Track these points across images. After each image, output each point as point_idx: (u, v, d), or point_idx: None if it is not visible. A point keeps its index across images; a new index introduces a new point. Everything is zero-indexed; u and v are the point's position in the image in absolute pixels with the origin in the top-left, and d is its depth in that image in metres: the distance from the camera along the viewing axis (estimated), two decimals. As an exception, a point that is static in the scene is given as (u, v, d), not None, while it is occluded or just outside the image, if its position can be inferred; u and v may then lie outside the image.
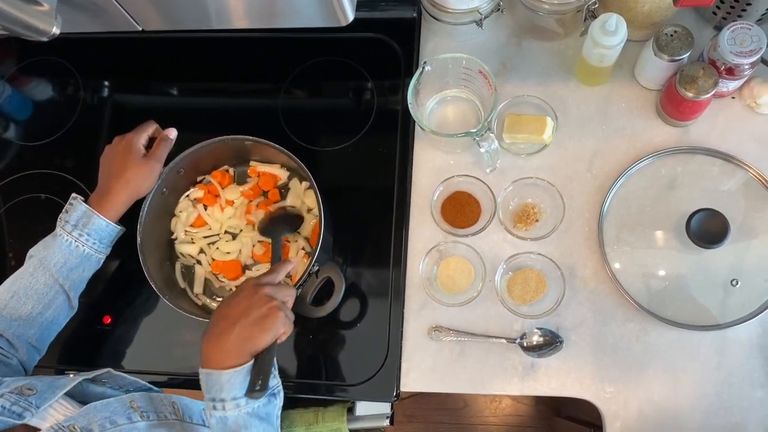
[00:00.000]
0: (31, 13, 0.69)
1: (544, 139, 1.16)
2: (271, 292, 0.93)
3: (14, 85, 1.42)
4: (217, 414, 0.87)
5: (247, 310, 0.90)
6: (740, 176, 1.14)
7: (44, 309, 1.04)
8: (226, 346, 0.87)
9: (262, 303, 0.91)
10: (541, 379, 1.12)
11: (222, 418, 0.87)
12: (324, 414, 1.24)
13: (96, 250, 1.08)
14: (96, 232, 1.07)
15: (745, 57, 1.04)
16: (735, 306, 1.09)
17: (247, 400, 0.87)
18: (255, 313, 0.89)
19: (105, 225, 1.07)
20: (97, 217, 1.06)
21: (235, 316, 0.89)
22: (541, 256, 1.14)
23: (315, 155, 1.26)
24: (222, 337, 0.88)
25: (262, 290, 0.92)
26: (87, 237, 1.06)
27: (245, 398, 0.87)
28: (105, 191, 1.09)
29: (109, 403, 0.92)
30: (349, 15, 0.77)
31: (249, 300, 0.91)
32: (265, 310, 0.90)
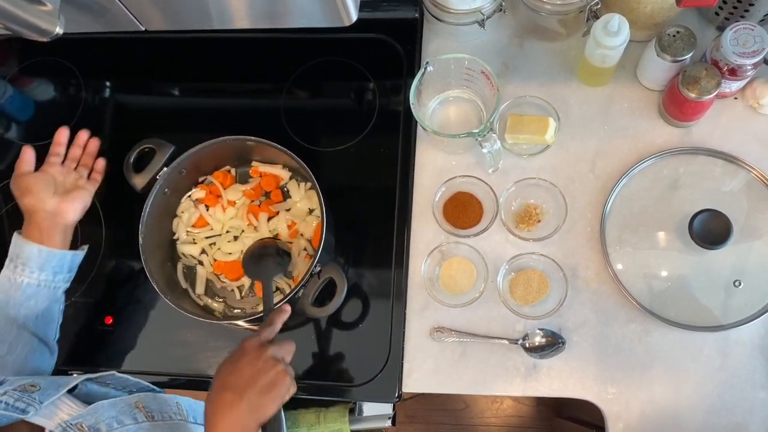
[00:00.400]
0: (34, 13, 0.69)
1: (546, 139, 1.16)
2: (275, 353, 0.89)
3: (16, 85, 1.42)
4: None
5: (253, 378, 0.85)
6: (743, 177, 1.14)
7: (9, 350, 1.01)
8: (233, 422, 0.83)
9: (268, 368, 0.86)
10: (543, 380, 1.12)
11: None
12: (326, 414, 1.24)
13: (37, 278, 1.04)
14: (29, 259, 1.04)
15: (748, 57, 1.03)
16: (737, 307, 1.09)
17: None
18: (262, 381, 0.85)
19: (37, 251, 1.04)
20: (27, 244, 1.04)
21: (241, 387, 0.84)
22: (544, 257, 1.14)
23: (317, 156, 1.26)
24: (229, 411, 0.83)
25: (266, 353, 0.88)
26: (23, 267, 1.03)
27: None
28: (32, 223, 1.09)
29: (115, 403, 0.91)
30: (353, 15, 0.76)
31: (254, 366, 0.86)
32: (272, 376, 0.86)
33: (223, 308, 1.19)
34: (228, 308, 1.19)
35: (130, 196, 1.17)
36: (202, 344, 1.20)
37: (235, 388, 0.84)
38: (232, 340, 1.20)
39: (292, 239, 1.18)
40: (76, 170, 1.18)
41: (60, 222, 1.10)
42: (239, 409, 0.82)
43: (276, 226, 1.19)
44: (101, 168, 1.19)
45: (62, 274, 1.08)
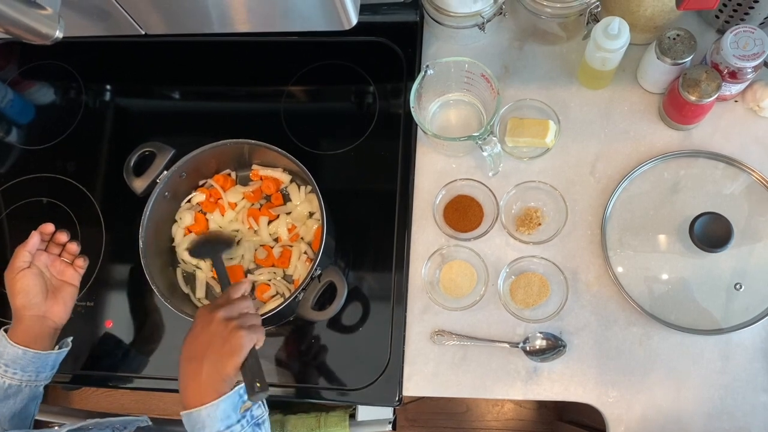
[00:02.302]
0: (35, 16, 0.69)
1: (546, 142, 1.16)
2: (226, 314, 0.92)
3: (16, 89, 1.42)
4: None
5: (208, 342, 0.89)
6: (743, 180, 1.13)
7: None
8: (200, 386, 0.87)
9: (221, 329, 0.90)
10: (544, 384, 1.12)
11: None
12: (326, 419, 1.24)
13: (19, 379, 1.02)
14: (14, 361, 1.01)
15: (748, 60, 1.03)
16: (739, 310, 1.09)
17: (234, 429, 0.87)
18: (216, 342, 0.89)
19: (22, 353, 1.01)
20: (11, 347, 1.01)
21: (198, 354, 0.89)
22: (544, 260, 1.14)
23: (317, 159, 1.26)
24: (194, 378, 0.88)
25: (216, 316, 0.91)
26: (5, 368, 1.00)
27: (229, 429, 0.87)
28: (18, 322, 1.05)
29: None
30: (353, 19, 0.76)
31: (207, 331, 0.90)
32: (226, 335, 0.89)
33: (224, 312, 1.19)
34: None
35: (130, 199, 1.17)
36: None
37: (194, 357, 0.89)
38: (232, 344, 1.19)
39: (293, 242, 1.18)
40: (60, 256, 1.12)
41: (50, 326, 1.06)
42: (201, 372, 0.87)
43: (276, 229, 1.19)
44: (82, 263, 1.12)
45: (45, 372, 1.06)
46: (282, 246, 1.19)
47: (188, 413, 0.87)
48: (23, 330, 1.03)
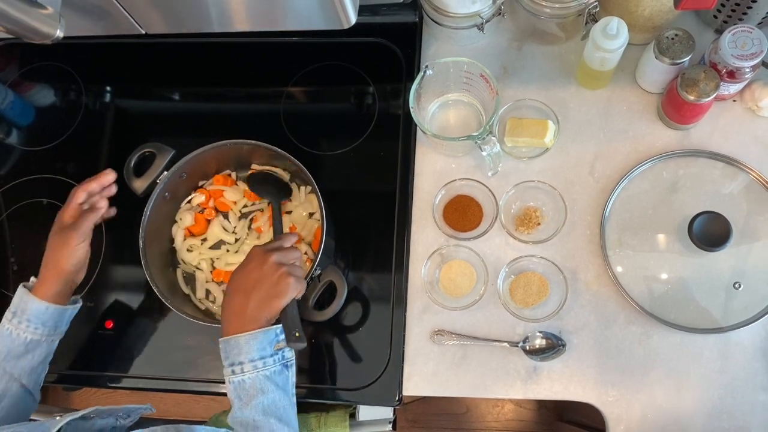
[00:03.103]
0: (35, 16, 0.69)
1: (545, 142, 1.17)
2: (280, 259, 0.97)
3: (16, 90, 1.42)
4: (235, 378, 0.91)
5: (259, 280, 0.95)
6: (742, 179, 1.14)
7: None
8: (243, 317, 0.93)
9: (273, 271, 0.95)
10: (544, 383, 1.12)
11: (240, 382, 0.91)
12: (326, 419, 1.24)
13: (40, 334, 1.04)
14: (36, 316, 1.03)
15: (746, 60, 1.04)
16: (738, 309, 1.09)
17: (264, 363, 0.91)
18: (267, 282, 0.95)
19: (44, 308, 1.04)
20: (34, 301, 1.03)
21: (248, 288, 0.95)
22: (544, 260, 1.14)
23: (317, 159, 1.26)
24: (239, 310, 0.94)
25: (270, 258, 0.96)
26: (27, 323, 1.03)
27: (262, 360, 0.91)
28: (39, 274, 1.07)
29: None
30: (352, 18, 0.77)
31: (260, 270, 0.96)
32: (276, 278, 0.95)
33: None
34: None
35: (130, 200, 1.17)
36: (203, 348, 1.20)
37: (243, 291, 0.95)
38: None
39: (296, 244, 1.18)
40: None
41: (73, 284, 1.09)
42: (248, 305, 0.94)
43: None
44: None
45: (62, 327, 1.08)
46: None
47: (227, 339, 0.92)
48: (48, 286, 1.05)
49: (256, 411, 0.90)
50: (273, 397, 0.91)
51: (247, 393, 0.90)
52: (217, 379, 1.19)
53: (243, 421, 0.90)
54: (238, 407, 0.91)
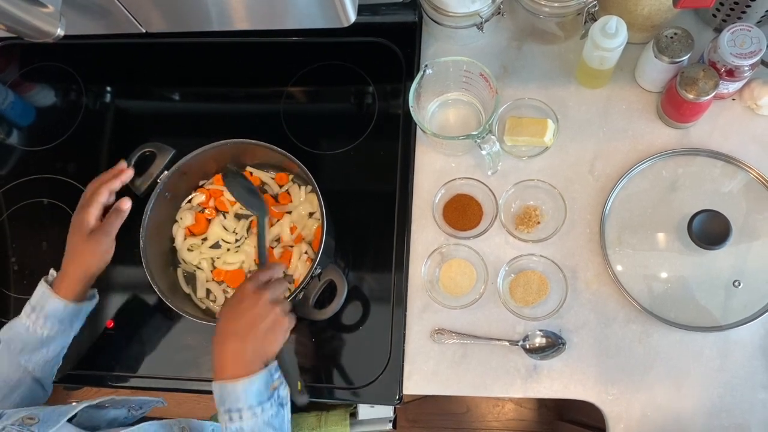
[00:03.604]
0: (36, 14, 0.70)
1: (545, 141, 1.17)
2: (273, 296, 0.94)
3: (17, 91, 1.42)
4: (233, 426, 0.88)
5: (254, 323, 0.91)
6: (741, 177, 1.14)
7: (10, 392, 1.03)
8: (239, 362, 0.89)
9: (267, 312, 0.92)
10: (544, 382, 1.12)
11: (239, 429, 0.88)
12: (327, 418, 1.24)
13: (57, 330, 1.06)
14: (54, 314, 1.05)
15: (745, 59, 1.04)
16: (737, 307, 1.09)
17: (263, 408, 0.88)
18: (262, 325, 0.91)
19: (63, 306, 1.05)
20: (54, 299, 1.05)
21: (243, 332, 0.90)
22: (543, 258, 1.14)
23: (317, 159, 1.27)
24: (235, 355, 0.89)
25: (263, 297, 0.93)
26: (44, 320, 1.04)
27: (260, 407, 0.88)
28: (62, 270, 1.08)
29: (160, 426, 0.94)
30: (351, 16, 0.77)
31: (253, 310, 0.91)
32: (272, 319, 0.92)
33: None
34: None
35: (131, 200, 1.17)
36: (204, 348, 1.20)
37: (237, 334, 0.90)
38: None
39: (296, 244, 1.19)
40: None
41: (92, 281, 1.11)
42: (244, 353, 0.89)
43: (279, 230, 1.19)
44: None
45: (78, 323, 1.11)
46: (283, 247, 1.19)
47: (223, 384, 0.88)
48: (72, 285, 1.07)
49: None
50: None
51: None
52: (218, 379, 1.19)
53: None
54: None
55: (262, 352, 0.91)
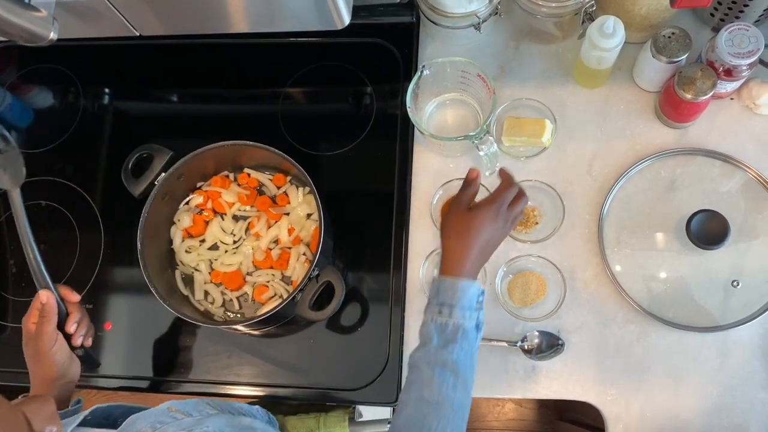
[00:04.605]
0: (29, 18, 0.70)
1: (543, 141, 1.17)
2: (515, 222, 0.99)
3: (15, 93, 1.42)
4: (440, 319, 0.90)
5: (494, 241, 0.96)
6: (740, 177, 1.14)
7: None
8: (464, 264, 0.93)
9: (506, 234, 0.98)
10: (543, 382, 1.12)
11: (443, 324, 0.90)
12: (325, 419, 1.24)
13: None
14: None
15: (743, 58, 1.04)
16: (736, 307, 1.09)
17: (470, 315, 0.91)
18: (493, 236, 0.96)
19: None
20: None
21: (483, 245, 0.95)
22: (542, 259, 1.14)
23: (314, 160, 1.26)
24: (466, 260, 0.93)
25: (513, 223, 0.98)
26: None
27: (469, 311, 0.90)
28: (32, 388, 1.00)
29: (148, 413, 0.91)
30: (345, 18, 0.77)
31: (502, 230, 0.97)
32: (499, 235, 0.97)
33: (223, 312, 1.19)
34: (227, 313, 1.19)
35: (128, 202, 1.17)
36: (202, 349, 1.20)
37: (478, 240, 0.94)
38: (232, 344, 1.20)
39: (294, 245, 1.19)
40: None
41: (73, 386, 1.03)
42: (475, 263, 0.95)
43: (277, 231, 1.19)
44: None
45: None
46: (281, 248, 1.19)
47: (443, 279, 0.92)
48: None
49: (450, 356, 0.88)
50: (466, 349, 0.90)
51: (446, 336, 0.89)
52: (217, 380, 1.19)
53: (441, 360, 0.87)
54: (434, 346, 0.89)
55: (484, 259, 0.96)
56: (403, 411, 0.86)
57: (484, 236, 0.95)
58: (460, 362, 0.88)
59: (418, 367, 0.88)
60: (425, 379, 0.87)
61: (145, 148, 1.18)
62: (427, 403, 0.85)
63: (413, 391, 0.87)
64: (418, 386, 0.87)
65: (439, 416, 0.84)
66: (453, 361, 0.87)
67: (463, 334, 0.89)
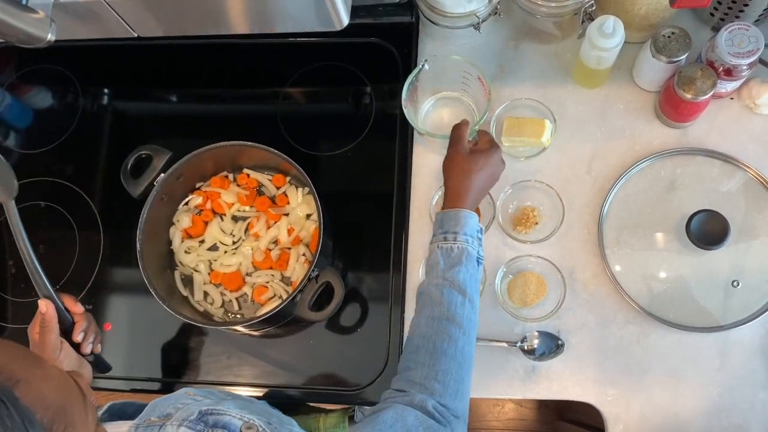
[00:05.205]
0: (26, 20, 0.69)
1: (542, 141, 1.16)
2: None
3: (14, 93, 1.42)
4: (445, 245, 0.96)
5: (491, 176, 1.04)
6: (740, 177, 1.13)
7: None
8: (466, 198, 1.00)
9: (499, 165, 1.05)
10: (543, 383, 1.12)
11: (448, 249, 0.96)
12: (325, 420, 1.24)
13: None
14: None
15: (743, 58, 1.03)
16: (736, 307, 1.09)
17: (473, 242, 0.96)
18: (494, 180, 1.05)
19: None
20: None
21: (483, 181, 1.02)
22: (541, 259, 1.14)
23: (314, 160, 1.26)
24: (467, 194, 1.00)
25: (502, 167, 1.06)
26: None
27: (471, 237, 0.96)
28: None
29: (168, 398, 0.91)
30: (344, 19, 0.77)
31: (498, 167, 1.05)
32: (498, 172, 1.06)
33: (223, 313, 1.19)
34: (227, 314, 1.19)
35: (127, 202, 1.17)
36: (201, 350, 1.20)
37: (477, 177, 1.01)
38: (231, 345, 1.20)
39: (293, 246, 1.18)
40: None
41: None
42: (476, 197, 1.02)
43: (276, 232, 1.19)
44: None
45: None
46: (281, 249, 1.19)
47: (446, 211, 0.99)
48: None
49: (457, 276, 0.93)
50: (471, 272, 0.95)
51: (452, 259, 0.94)
52: (217, 381, 1.19)
53: (449, 280, 0.93)
54: (441, 269, 0.94)
55: (482, 194, 1.04)
56: (415, 331, 0.93)
57: (485, 174, 1.02)
58: (467, 282, 0.94)
59: (426, 292, 0.94)
60: (435, 300, 0.92)
61: (145, 149, 1.18)
62: (438, 320, 0.91)
63: (424, 312, 0.93)
64: (428, 307, 0.93)
65: (451, 330, 0.90)
66: (460, 281, 0.93)
67: (467, 257, 0.95)
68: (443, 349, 0.89)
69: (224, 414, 0.79)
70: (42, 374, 0.61)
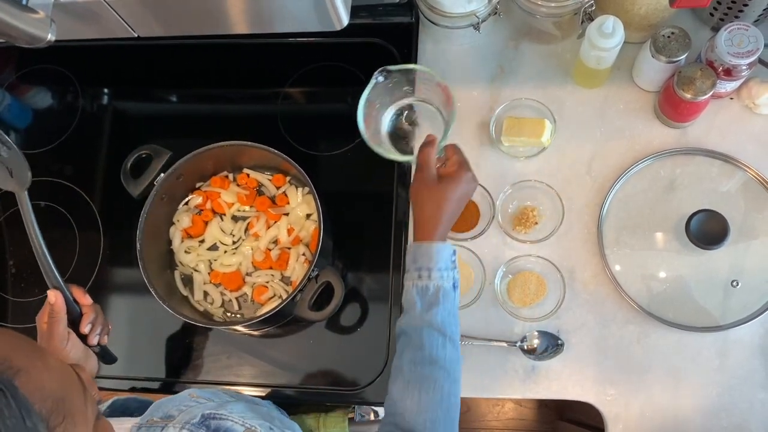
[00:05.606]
0: (26, 20, 0.69)
1: (542, 141, 1.16)
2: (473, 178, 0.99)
3: (14, 93, 1.42)
4: (420, 283, 0.93)
5: (463, 198, 0.97)
6: (739, 177, 1.14)
7: None
8: (438, 231, 0.95)
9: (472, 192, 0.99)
10: (543, 382, 1.12)
11: (423, 287, 0.92)
12: (325, 420, 1.24)
13: None
14: None
15: (743, 58, 1.03)
16: (736, 307, 1.09)
17: (448, 275, 0.93)
18: (465, 201, 0.98)
19: None
20: None
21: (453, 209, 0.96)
22: (541, 259, 1.14)
23: (314, 160, 1.26)
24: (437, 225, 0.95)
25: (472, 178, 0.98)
26: None
27: (446, 271, 0.93)
28: None
29: (172, 399, 0.91)
30: (344, 20, 0.77)
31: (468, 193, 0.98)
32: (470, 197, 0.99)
33: (223, 313, 1.19)
34: (227, 314, 1.19)
35: (127, 202, 1.17)
36: (201, 350, 1.20)
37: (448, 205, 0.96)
38: (231, 345, 1.20)
39: (293, 246, 1.18)
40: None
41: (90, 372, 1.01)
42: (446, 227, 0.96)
43: (276, 232, 1.19)
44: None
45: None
46: (280, 249, 1.19)
47: (419, 245, 0.94)
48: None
49: (435, 318, 0.91)
50: (449, 308, 0.93)
51: (428, 299, 0.92)
52: (216, 381, 1.19)
53: (427, 322, 0.90)
54: (418, 310, 0.92)
55: (454, 221, 0.98)
56: (398, 376, 0.90)
57: (456, 199, 0.97)
58: (446, 322, 0.91)
59: (406, 334, 0.92)
60: (415, 343, 0.90)
61: (145, 149, 1.18)
62: (421, 365, 0.89)
63: (405, 355, 0.90)
64: (410, 351, 0.90)
65: (435, 374, 0.88)
66: (439, 323, 0.90)
67: (444, 294, 0.92)
68: (429, 397, 0.87)
69: (226, 419, 0.80)
70: (42, 365, 0.62)
